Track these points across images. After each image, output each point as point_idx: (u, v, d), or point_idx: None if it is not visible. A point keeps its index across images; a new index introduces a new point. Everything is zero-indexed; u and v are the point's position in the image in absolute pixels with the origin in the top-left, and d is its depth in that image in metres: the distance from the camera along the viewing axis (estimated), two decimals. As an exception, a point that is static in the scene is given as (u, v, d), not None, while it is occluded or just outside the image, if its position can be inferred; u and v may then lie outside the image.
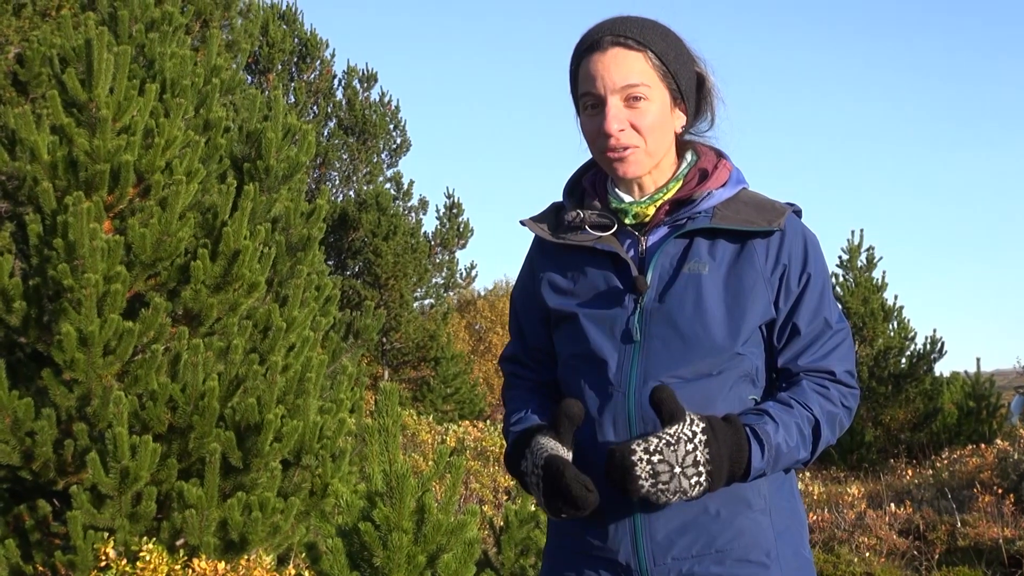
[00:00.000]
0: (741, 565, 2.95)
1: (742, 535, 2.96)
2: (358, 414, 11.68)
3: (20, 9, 16.86)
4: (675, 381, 2.96)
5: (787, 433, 2.91)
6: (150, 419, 9.30)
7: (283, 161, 11.65)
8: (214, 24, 19.13)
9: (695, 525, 2.94)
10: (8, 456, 9.19)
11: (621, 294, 3.06)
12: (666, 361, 2.98)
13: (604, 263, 3.11)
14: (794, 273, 3.06)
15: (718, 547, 2.94)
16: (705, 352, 2.98)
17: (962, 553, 13.17)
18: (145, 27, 11.07)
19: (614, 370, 3.02)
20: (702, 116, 3.23)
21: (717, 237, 3.06)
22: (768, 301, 3.04)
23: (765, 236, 3.06)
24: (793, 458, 2.95)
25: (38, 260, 9.50)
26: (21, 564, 9.34)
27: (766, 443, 2.87)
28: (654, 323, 3.01)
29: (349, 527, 6.28)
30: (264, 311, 10.48)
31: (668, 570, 2.94)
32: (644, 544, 2.95)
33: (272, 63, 30.12)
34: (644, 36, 3.03)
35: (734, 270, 3.03)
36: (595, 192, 3.22)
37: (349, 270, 31.51)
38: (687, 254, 3.05)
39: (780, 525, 3.02)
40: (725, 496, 2.95)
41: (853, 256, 27.41)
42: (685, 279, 3.02)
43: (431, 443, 20.26)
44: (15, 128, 9.96)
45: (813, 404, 2.99)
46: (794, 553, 3.03)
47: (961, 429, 25.81)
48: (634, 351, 3.01)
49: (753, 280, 3.02)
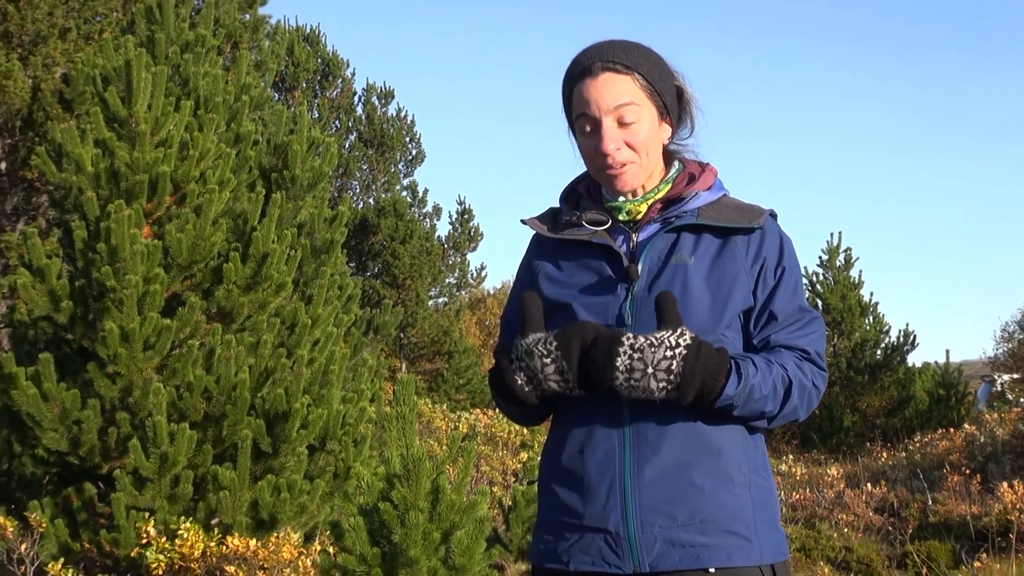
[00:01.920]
0: (724, 535, 2.95)
1: (724, 508, 2.97)
2: (378, 403, 11.68)
3: (65, 33, 16.89)
4: None
5: (763, 380, 2.93)
6: (187, 408, 9.31)
7: (308, 171, 11.65)
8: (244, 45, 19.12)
9: (681, 496, 2.95)
10: (57, 443, 9.20)
11: (614, 283, 3.08)
12: None
13: (598, 256, 3.13)
14: (770, 266, 3.09)
15: (702, 518, 2.95)
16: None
17: (933, 529, 13.16)
18: (180, 49, 11.07)
19: None
20: (683, 124, 3.25)
21: (702, 233, 3.10)
22: (748, 290, 3.06)
23: (746, 233, 3.10)
24: (760, 407, 2.96)
25: (83, 263, 9.51)
26: (69, 542, 9.35)
27: (744, 378, 2.89)
28: (644, 309, 3.01)
29: (370, 506, 6.29)
30: (291, 309, 10.49)
31: (655, 538, 2.94)
32: (633, 513, 2.95)
33: (297, 81, 30.12)
34: (631, 60, 3.06)
35: (717, 262, 3.06)
36: (590, 196, 3.25)
37: (369, 271, 31.48)
38: (674, 247, 3.08)
39: (757, 499, 3.03)
40: (710, 470, 2.97)
41: (832, 256, 27.43)
42: (672, 269, 3.04)
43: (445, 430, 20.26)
44: (62, 142, 9.97)
45: (789, 367, 3.01)
46: (770, 526, 3.05)
47: (932, 415, 25.82)
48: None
49: (735, 271, 3.05)
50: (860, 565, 11.77)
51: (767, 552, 3.01)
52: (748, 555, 2.97)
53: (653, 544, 2.95)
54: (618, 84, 3.03)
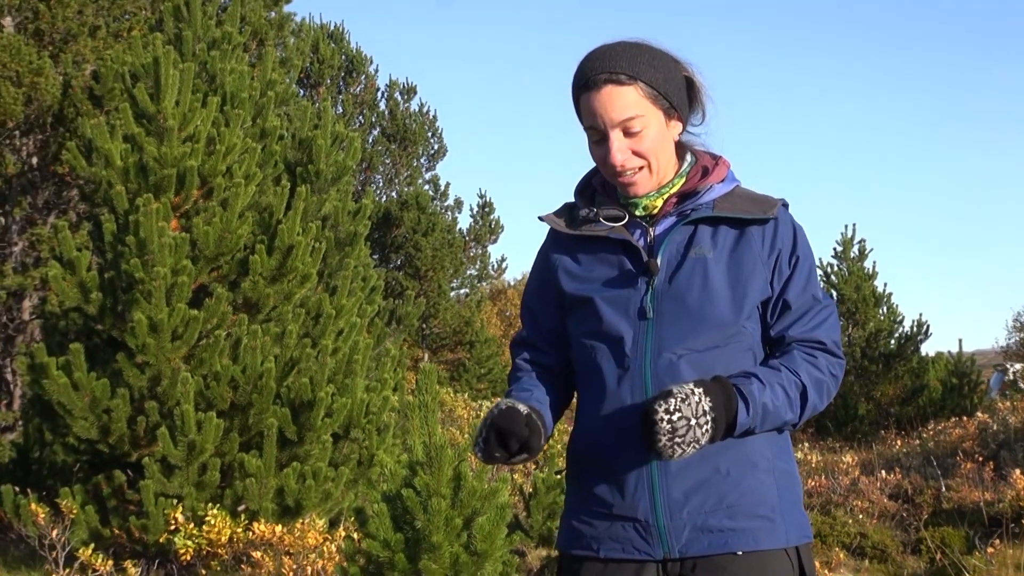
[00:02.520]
0: (750, 519, 2.95)
1: (750, 492, 2.96)
2: (400, 392, 11.68)
3: (95, 31, 16.93)
4: (686, 352, 2.99)
5: (772, 393, 2.92)
6: (214, 397, 9.33)
7: (332, 165, 11.66)
8: (269, 43, 19.14)
9: (707, 483, 2.95)
10: (87, 431, 9.23)
11: (634, 277, 3.06)
12: (677, 335, 3.00)
13: (616, 250, 3.11)
14: (785, 256, 3.08)
15: (728, 503, 2.95)
16: (712, 326, 2.99)
17: (946, 515, 13.10)
18: (207, 46, 11.08)
19: (630, 345, 3.03)
20: (694, 113, 3.23)
21: (719, 225, 3.08)
22: (765, 280, 3.05)
23: (761, 224, 3.08)
24: (780, 417, 2.96)
25: (112, 255, 9.53)
26: (100, 528, 9.38)
27: (751, 401, 2.88)
28: (665, 301, 3.01)
29: (393, 493, 6.28)
30: (316, 300, 10.50)
31: (683, 524, 2.94)
32: (661, 501, 2.95)
33: (322, 77, 30.12)
34: (633, 68, 3.02)
35: (735, 254, 3.05)
36: (605, 190, 3.23)
37: (392, 263, 31.48)
38: (692, 240, 3.06)
39: (781, 484, 3.03)
40: (734, 457, 2.97)
41: (846, 248, 27.30)
42: (692, 262, 3.03)
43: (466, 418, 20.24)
44: (91, 137, 9.99)
45: (801, 370, 3.00)
46: (794, 509, 3.04)
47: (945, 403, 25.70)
48: (648, 327, 3.02)
49: (752, 262, 3.03)
50: (875, 551, 11.73)
51: (792, 535, 3.01)
52: (774, 538, 2.97)
53: (682, 530, 2.96)
54: (622, 96, 3.01)
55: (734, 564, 2.95)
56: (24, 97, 15.84)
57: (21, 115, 15.98)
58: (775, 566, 2.98)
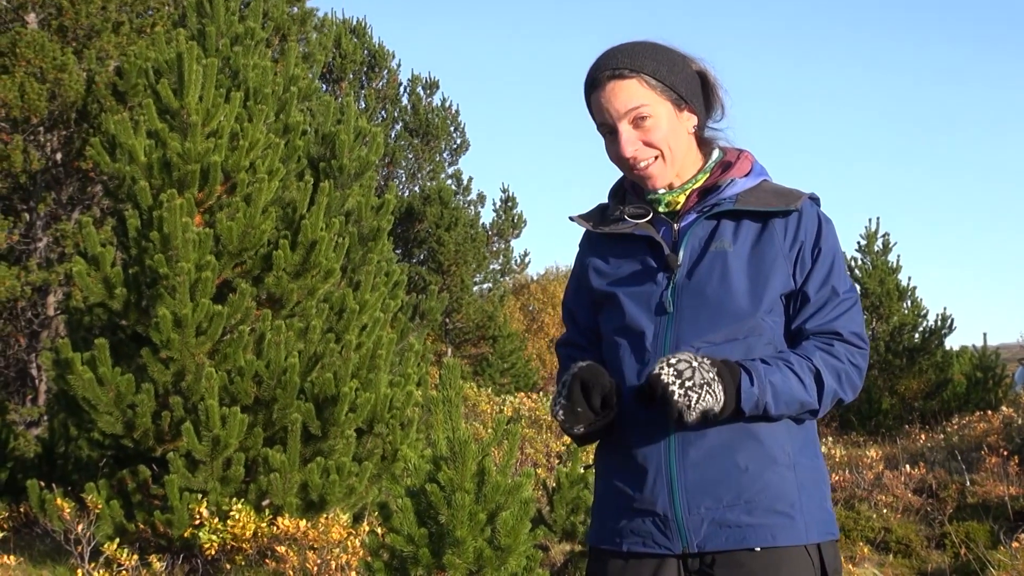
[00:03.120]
0: (768, 515, 2.94)
1: (769, 487, 2.96)
2: (424, 387, 11.68)
3: (119, 27, 16.97)
4: (706, 346, 3.00)
5: (781, 373, 2.92)
6: (238, 392, 9.35)
7: (355, 160, 11.67)
8: (292, 38, 19.18)
9: (726, 478, 2.95)
10: (112, 426, 9.26)
11: (655, 272, 3.09)
12: (696, 329, 3.01)
13: (641, 247, 3.14)
14: (808, 248, 3.07)
15: (747, 498, 2.95)
16: (730, 319, 3.00)
17: (971, 509, 13.06)
18: (230, 41, 11.09)
19: (651, 339, 3.06)
20: (713, 110, 3.24)
21: (741, 219, 3.09)
22: (787, 274, 3.05)
23: (784, 216, 3.09)
24: (795, 398, 2.94)
25: (136, 251, 9.56)
26: (124, 522, 9.41)
27: (755, 374, 2.88)
28: (685, 296, 3.03)
29: (417, 488, 6.28)
30: (339, 295, 10.51)
31: (701, 519, 2.95)
32: (679, 496, 2.96)
33: (344, 72, 30.15)
34: (635, 63, 3.07)
35: (756, 247, 3.06)
36: (634, 190, 3.25)
37: (415, 258, 31.51)
38: (714, 234, 3.08)
39: (803, 479, 3.01)
40: (753, 452, 2.96)
41: (870, 241, 27.19)
42: (712, 256, 3.05)
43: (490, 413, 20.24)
44: (115, 133, 10.01)
45: (813, 355, 2.99)
46: (817, 506, 3.03)
47: (969, 397, 25.58)
48: (668, 322, 3.04)
49: (774, 255, 3.04)
50: (899, 545, 11.71)
51: (813, 531, 2.99)
52: (793, 534, 2.96)
53: (700, 525, 2.96)
54: (625, 89, 3.06)
55: (752, 560, 2.94)
56: (48, 93, 15.90)
57: (45, 111, 16.05)
58: (794, 563, 2.96)
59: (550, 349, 42.27)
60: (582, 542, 10.15)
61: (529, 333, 41.84)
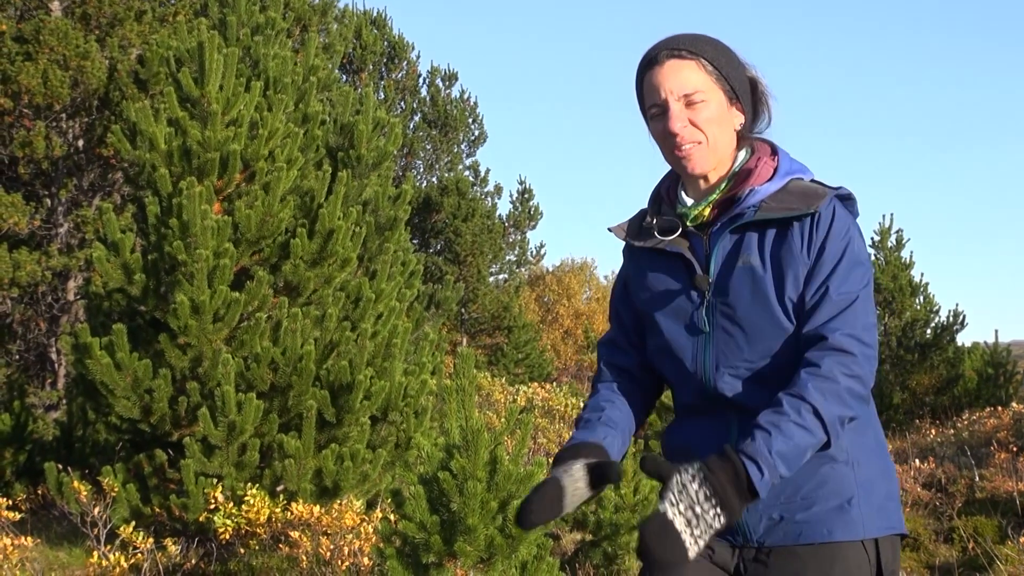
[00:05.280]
0: (825, 511, 2.92)
1: (825, 483, 2.93)
2: (438, 376, 11.70)
3: (141, 16, 16.99)
4: (742, 364, 2.99)
5: (783, 436, 2.78)
6: (254, 379, 9.36)
7: (373, 151, 11.66)
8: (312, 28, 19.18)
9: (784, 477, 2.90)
10: (129, 411, 9.28)
11: (688, 291, 3.06)
12: (733, 349, 3.00)
13: (674, 263, 3.10)
14: (815, 249, 2.97)
15: (803, 495, 2.93)
16: (764, 337, 2.97)
17: (980, 504, 13.05)
18: (251, 31, 11.11)
19: (690, 360, 3.06)
20: (760, 117, 3.20)
21: (766, 228, 3.02)
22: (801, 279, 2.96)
23: (802, 219, 2.99)
24: (804, 449, 2.81)
25: (156, 238, 9.57)
26: (141, 506, 9.43)
27: (761, 460, 2.75)
28: (718, 315, 3.01)
29: (430, 476, 6.29)
30: (355, 284, 10.52)
31: (760, 516, 2.96)
32: None
33: (364, 63, 30.15)
34: (696, 47, 3.04)
35: (776, 256, 2.99)
36: (668, 198, 3.21)
37: (432, 248, 31.54)
38: (739, 248, 3.02)
39: (862, 476, 2.96)
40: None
41: (884, 237, 27.12)
42: (740, 272, 2.99)
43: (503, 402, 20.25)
44: (136, 121, 10.03)
45: (806, 392, 2.84)
46: (879, 503, 2.99)
47: (980, 393, 25.52)
48: (705, 342, 3.03)
49: (789, 263, 2.96)
50: (908, 539, 11.68)
51: (871, 526, 2.97)
52: (850, 530, 2.94)
53: (759, 522, 2.97)
54: (683, 69, 3.02)
55: (806, 553, 2.94)
56: (71, 80, 15.93)
57: (68, 98, 16.08)
58: (849, 558, 2.95)
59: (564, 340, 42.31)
60: (593, 531, 10.14)
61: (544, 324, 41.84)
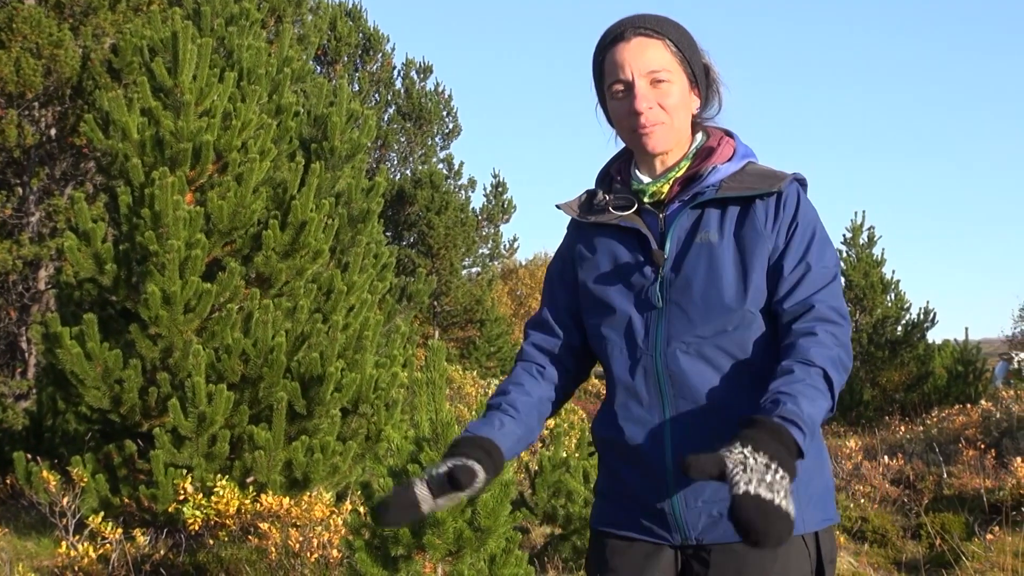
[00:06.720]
0: None
1: None
2: (409, 369, 11.70)
3: (115, 4, 16.92)
4: (694, 340, 2.95)
5: (810, 401, 2.75)
6: (225, 370, 9.35)
7: (346, 143, 11.66)
8: (287, 19, 19.14)
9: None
10: (99, 401, 9.26)
11: (643, 266, 3.03)
12: (686, 324, 2.96)
13: (628, 239, 3.08)
14: (784, 226, 2.97)
15: None
16: (719, 313, 2.94)
17: (947, 501, 13.12)
18: (225, 21, 11.08)
19: (642, 335, 3.01)
20: (711, 104, 3.19)
21: (726, 206, 3.02)
22: (767, 256, 2.96)
23: (766, 198, 3.00)
24: (823, 412, 2.79)
25: (127, 227, 9.55)
26: (110, 496, 9.41)
27: (800, 421, 2.68)
28: (673, 290, 2.97)
29: (399, 468, 6.29)
30: (327, 276, 10.51)
31: (699, 512, 2.93)
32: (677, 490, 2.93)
33: (339, 55, 30.12)
34: (661, 27, 3.03)
35: (739, 234, 2.98)
36: (621, 178, 3.19)
37: (404, 240, 31.52)
38: (698, 225, 3.01)
39: (801, 470, 2.82)
40: None
41: (856, 234, 27.26)
42: (697, 248, 2.98)
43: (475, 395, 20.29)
44: (109, 110, 9.99)
45: (814, 357, 2.84)
46: (817, 495, 3.00)
47: (950, 391, 25.69)
48: (657, 317, 2.99)
49: (754, 240, 2.96)
50: (875, 535, 11.75)
51: (810, 520, 2.97)
52: None
53: (697, 519, 2.95)
54: (650, 48, 3.00)
55: (747, 549, 2.89)
56: (43, 69, 15.86)
57: (40, 87, 16.00)
58: (791, 553, 2.93)
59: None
60: (562, 525, 10.18)
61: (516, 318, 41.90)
